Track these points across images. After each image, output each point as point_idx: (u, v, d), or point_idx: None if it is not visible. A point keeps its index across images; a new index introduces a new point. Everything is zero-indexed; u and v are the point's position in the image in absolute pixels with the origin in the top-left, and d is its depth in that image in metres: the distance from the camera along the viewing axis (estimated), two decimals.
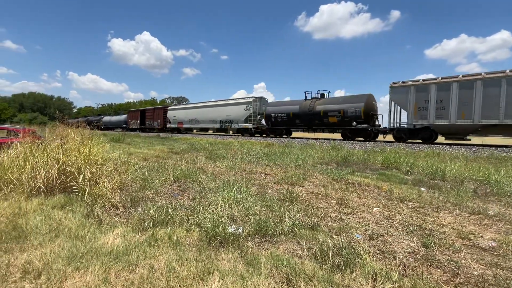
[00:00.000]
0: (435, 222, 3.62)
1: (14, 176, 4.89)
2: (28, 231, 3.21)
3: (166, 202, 4.11)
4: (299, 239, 3.05)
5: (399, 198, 4.72)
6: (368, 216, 3.88)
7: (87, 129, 6.85)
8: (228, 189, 4.51)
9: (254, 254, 2.69)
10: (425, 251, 2.80)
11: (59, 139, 5.88)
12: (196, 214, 3.57)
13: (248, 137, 21.72)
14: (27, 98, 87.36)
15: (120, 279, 2.28)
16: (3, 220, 3.64)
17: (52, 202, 4.33)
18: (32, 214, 3.80)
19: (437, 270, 2.47)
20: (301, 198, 4.64)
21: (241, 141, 16.71)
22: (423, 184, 5.95)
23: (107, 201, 4.07)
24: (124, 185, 4.92)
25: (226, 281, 2.23)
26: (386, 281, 2.22)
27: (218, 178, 6.01)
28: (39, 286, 2.18)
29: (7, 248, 2.82)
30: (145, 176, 5.65)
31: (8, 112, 71.92)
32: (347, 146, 13.53)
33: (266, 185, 5.55)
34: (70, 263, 2.48)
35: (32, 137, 6.77)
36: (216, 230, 3.03)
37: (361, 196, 4.87)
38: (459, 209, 4.17)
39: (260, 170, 7.28)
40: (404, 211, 4.05)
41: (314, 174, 6.78)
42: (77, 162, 5.07)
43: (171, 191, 5.03)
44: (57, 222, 3.50)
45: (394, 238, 3.12)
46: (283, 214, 3.64)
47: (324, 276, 2.29)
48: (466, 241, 3.09)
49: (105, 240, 2.99)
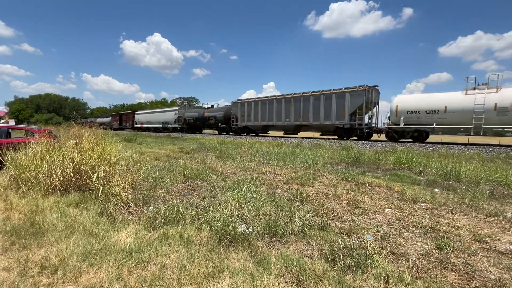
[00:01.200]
0: (450, 224, 3.53)
1: (32, 174, 5.06)
2: (45, 228, 3.32)
3: (177, 201, 4.16)
4: (309, 239, 3.03)
5: (411, 199, 4.62)
6: (379, 217, 3.82)
7: (100, 129, 7.02)
8: (238, 188, 4.53)
9: (264, 254, 2.69)
10: (439, 253, 2.74)
11: (73, 139, 6.05)
12: (207, 213, 3.60)
13: (257, 137, 21.71)
14: (44, 99, 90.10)
15: (133, 276, 2.33)
16: (21, 217, 3.78)
17: (68, 200, 4.46)
18: (48, 211, 3.93)
19: (451, 273, 2.41)
20: (311, 198, 4.61)
21: (251, 141, 16.73)
22: (437, 185, 5.81)
23: (119, 200, 4.16)
24: (136, 184, 5.01)
25: (236, 280, 2.24)
26: (399, 283, 2.18)
27: (228, 177, 6.04)
28: (55, 281, 2.25)
29: (26, 243, 2.92)
30: (157, 175, 5.74)
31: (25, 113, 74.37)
32: (358, 146, 13.36)
33: (275, 185, 5.55)
34: (85, 260, 2.55)
35: (48, 137, 6.99)
36: (226, 229, 3.05)
37: (372, 196, 4.79)
38: (475, 211, 4.05)
39: (269, 170, 7.27)
40: (417, 213, 3.96)
41: (324, 174, 6.72)
42: (91, 161, 5.20)
43: (181, 190, 5.09)
44: (72, 220, 3.61)
45: (407, 240, 3.06)
46: (293, 214, 3.62)
47: (334, 277, 2.27)
48: (482, 244, 2.99)
49: (118, 238, 3.06)
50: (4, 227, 3.39)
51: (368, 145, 13.97)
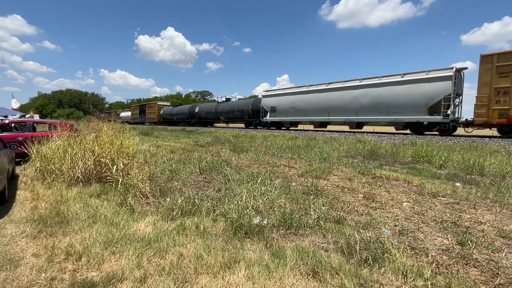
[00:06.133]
0: (472, 219, 3.40)
1: (56, 166, 5.30)
2: (69, 217, 3.48)
3: (193, 193, 4.24)
4: (325, 232, 3.02)
5: (431, 193, 4.48)
6: (397, 211, 3.73)
7: (118, 123, 7.22)
8: (253, 181, 4.56)
9: (280, 246, 2.70)
10: (460, 249, 2.65)
11: (93, 133, 6.27)
12: (222, 205, 3.65)
13: (271, 131, 21.59)
14: (65, 94, 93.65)
15: (152, 264, 2.41)
16: (47, 206, 3.98)
17: (89, 191, 4.64)
18: (72, 202, 4.11)
19: (474, 269, 2.33)
20: (326, 191, 4.57)
21: (265, 134, 16.70)
22: (459, 179, 5.59)
23: (138, 191, 4.29)
24: (154, 176, 5.14)
25: (252, 271, 2.27)
26: (418, 278, 2.14)
27: (242, 170, 6.07)
28: (80, 267, 2.37)
29: (52, 231, 3.08)
30: (173, 167, 5.86)
31: (48, 108, 77.72)
32: (374, 139, 13.03)
33: (290, 178, 5.53)
34: (106, 248, 2.66)
35: (70, 131, 7.27)
36: (241, 221, 3.08)
37: (389, 190, 4.69)
38: (500, 206, 3.88)
39: (283, 163, 7.25)
40: (437, 207, 3.84)
41: (339, 168, 6.63)
42: (110, 154, 5.38)
43: (197, 182, 5.18)
44: (94, 210, 3.76)
45: (426, 235, 2.98)
46: (308, 207, 3.61)
47: (351, 270, 2.25)
48: (507, 240, 2.87)
49: (137, 228, 3.16)
50: (32, 216, 3.59)
51: (385, 138, 13.58)
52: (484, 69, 11.93)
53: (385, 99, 15.01)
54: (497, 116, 11.77)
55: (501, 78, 11.52)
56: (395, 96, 14.64)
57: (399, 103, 14.50)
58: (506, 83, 11.37)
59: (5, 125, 8.90)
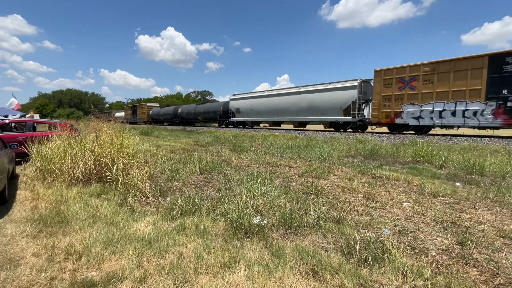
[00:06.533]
0: (472, 219, 3.40)
1: (56, 166, 5.30)
2: (69, 217, 3.49)
3: (193, 193, 4.24)
4: (325, 232, 3.02)
5: (431, 193, 4.48)
6: (397, 211, 3.73)
7: (118, 123, 7.22)
8: (253, 181, 4.56)
9: (279, 245, 2.70)
10: (460, 249, 2.65)
11: (93, 132, 6.27)
12: (222, 205, 3.65)
13: (271, 130, 21.58)
14: (65, 94, 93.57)
15: (152, 264, 2.41)
16: (47, 206, 3.98)
17: (89, 190, 4.64)
18: (72, 201, 4.11)
19: (474, 269, 2.33)
20: (326, 191, 4.57)
21: (265, 134, 16.70)
22: (459, 179, 5.59)
23: (138, 191, 4.29)
24: (154, 176, 5.14)
25: (252, 271, 2.27)
26: (418, 278, 2.14)
27: (242, 170, 6.07)
28: (80, 267, 2.37)
29: (52, 231, 3.08)
30: (173, 167, 5.86)
31: (49, 107, 77.67)
32: (374, 139, 13.02)
33: (290, 178, 5.53)
34: (106, 247, 2.66)
35: (70, 131, 7.27)
36: (241, 220, 3.08)
37: (389, 190, 4.69)
38: (500, 206, 3.88)
39: (284, 163, 7.25)
40: (437, 207, 3.84)
41: (339, 168, 6.63)
42: (110, 154, 5.38)
43: (197, 182, 5.18)
44: (94, 209, 3.76)
45: (426, 235, 2.98)
46: (308, 207, 3.61)
47: (350, 270, 2.25)
48: (507, 240, 2.87)
49: (137, 227, 3.16)
50: (32, 216, 3.59)
51: (385, 138, 13.58)
52: (376, 81, 15.57)
53: (316, 103, 19.03)
54: (384, 117, 15.37)
55: (386, 88, 15.15)
56: (322, 101, 18.62)
57: (325, 107, 18.45)
58: (389, 92, 15.01)
59: (5, 125, 8.91)
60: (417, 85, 13.95)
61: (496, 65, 11.76)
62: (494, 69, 11.78)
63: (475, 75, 12.20)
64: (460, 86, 12.63)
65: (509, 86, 11.46)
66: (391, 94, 14.88)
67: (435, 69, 13.39)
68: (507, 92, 11.50)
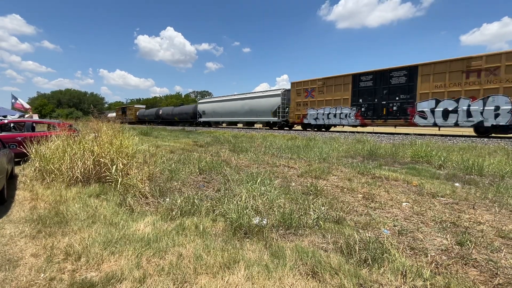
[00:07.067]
0: (471, 220, 3.40)
1: (55, 166, 5.29)
2: (69, 217, 3.48)
3: (192, 193, 4.24)
4: (324, 232, 3.02)
5: (430, 194, 4.49)
6: (396, 211, 3.74)
7: (117, 123, 7.21)
8: (252, 181, 4.56)
9: (279, 246, 2.70)
10: (459, 249, 2.66)
11: (92, 133, 6.26)
12: (221, 205, 3.64)
13: (271, 131, 21.63)
14: (64, 94, 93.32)
15: (151, 264, 2.41)
16: (46, 206, 3.97)
17: (89, 191, 4.64)
18: (71, 202, 4.11)
19: (473, 269, 2.34)
20: (326, 191, 4.57)
21: (264, 134, 16.70)
22: (458, 179, 5.60)
23: (137, 191, 4.28)
24: (153, 176, 5.13)
25: (252, 271, 2.27)
26: (417, 278, 2.14)
27: (242, 170, 6.07)
28: (79, 267, 2.36)
29: (51, 232, 3.07)
30: (172, 168, 5.86)
31: (48, 108, 77.43)
32: (373, 139, 13.04)
33: (289, 178, 5.53)
34: (106, 248, 2.65)
35: (68, 131, 7.26)
36: (241, 221, 3.08)
37: (389, 190, 4.69)
38: (499, 206, 3.89)
39: (283, 163, 7.25)
40: (436, 207, 3.85)
41: (339, 168, 6.63)
42: (109, 154, 5.37)
43: (196, 182, 5.18)
44: (93, 210, 3.76)
45: (425, 235, 2.98)
46: (308, 207, 3.61)
47: (350, 270, 2.25)
48: (506, 240, 2.87)
49: (136, 228, 3.16)
50: (31, 216, 3.58)
51: (385, 138, 13.61)
52: (292, 90, 20.82)
53: (255, 107, 24.18)
54: (297, 118, 20.34)
55: (298, 96, 20.26)
56: (258, 105, 23.85)
57: (261, 110, 23.62)
58: (299, 99, 20.12)
59: (4, 125, 8.88)
60: (315, 95, 19.03)
61: (356, 82, 16.72)
62: (355, 84, 16.81)
63: (346, 88, 17.27)
64: (338, 95, 17.67)
65: (363, 96, 16.43)
66: (300, 100, 20.03)
67: (324, 83, 18.37)
68: (361, 101, 16.49)
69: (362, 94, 16.40)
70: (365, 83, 16.28)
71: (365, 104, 16.27)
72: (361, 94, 16.43)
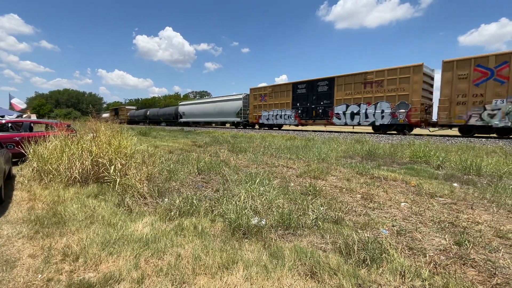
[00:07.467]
0: (469, 220, 3.41)
1: (53, 166, 5.27)
2: (66, 218, 3.46)
3: (191, 193, 4.23)
4: (323, 232, 3.02)
5: (429, 194, 4.50)
6: (395, 211, 3.74)
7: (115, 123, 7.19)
8: (251, 181, 4.55)
9: (278, 246, 2.70)
10: (458, 249, 2.66)
11: (91, 133, 6.23)
12: (220, 206, 3.64)
13: (269, 131, 21.69)
14: (62, 94, 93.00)
15: (150, 265, 2.40)
16: (44, 207, 3.95)
17: (87, 191, 4.62)
18: (69, 202, 4.09)
19: (471, 269, 2.34)
20: (325, 191, 4.57)
21: (263, 135, 16.71)
22: (456, 179, 5.62)
23: (136, 191, 4.27)
24: (152, 176, 5.12)
25: (250, 271, 2.26)
26: (416, 278, 2.14)
27: (241, 170, 6.07)
28: (77, 268, 2.35)
29: (49, 232, 3.06)
30: (171, 168, 5.84)
31: (46, 108, 77.13)
32: (372, 139, 13.07)
33: (288, 178, 5.53)
34: (104, 248, 2.64)
35: (66, 131, 7.23)
36: (239, 221, 3.07)
37: (387, 190, 4.70)
38: (497, 206, 3.90)
39: (282, 163, 7.25)
40: (434, 207, 3.86)
41: (337, 168, 6.64)
42: (108, 154, 5.35)
43: (195, 182, 5.17)
44: (91, 210, 3.74)
45: (424, 235, 2.99)
46: (306, 208, 3.61)
47: (349, 270, 2.25)
48: (504, 240, 2.88)
49: (135, 228, 3.15)
50: (29, 217, 3.56)
51: (383, 139, 13.65)
52: (251, 95, 24.61)
53: (224, 109, 28.08)
54: (254, 119, 24.31)
55: (255, 100, 24.17)
56: (226, 108, 27.80)
57: (228, 112, 27.46)
58: (256, 103, 24.00)
59: (2, 125, 8.84)
60: (267, 99, 23.01)
61: (295, 89, 20.68)
62: (294, 91, 20.74)
63: (288, 94, 21.22)
64: (283, 100, 21.60)
65: (299, 101, 20.31)
66: (257, 104, 23.94)
67: (273, 90, 22.48)
68: (299, 104, 20.35)
69: (299, 99, 20.41)
70: (301, 90, 20.09)
71: (301, 108, 20.19)
72: (298, 99, 20.42)
